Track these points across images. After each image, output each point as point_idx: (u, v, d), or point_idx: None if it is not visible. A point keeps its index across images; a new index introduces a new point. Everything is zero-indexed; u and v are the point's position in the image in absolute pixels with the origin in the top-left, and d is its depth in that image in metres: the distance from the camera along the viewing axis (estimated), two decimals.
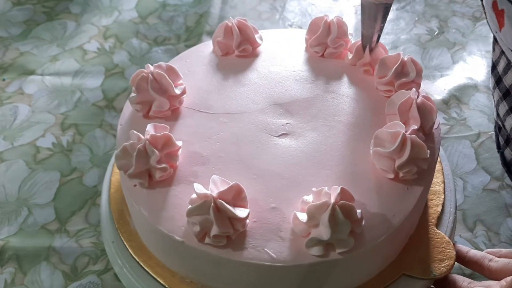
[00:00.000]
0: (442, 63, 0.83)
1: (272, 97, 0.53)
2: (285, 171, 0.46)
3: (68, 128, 0.74)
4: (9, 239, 0.61)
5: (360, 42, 0.54)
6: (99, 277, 0.58)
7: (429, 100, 0.48)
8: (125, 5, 0.95)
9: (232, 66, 0.56)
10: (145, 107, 0.51)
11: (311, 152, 0.48)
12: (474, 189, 0.65)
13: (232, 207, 0.41)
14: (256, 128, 0.50)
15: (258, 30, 0.59)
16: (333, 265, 0.41)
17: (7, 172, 0.68)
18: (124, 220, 0.51)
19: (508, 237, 0.61)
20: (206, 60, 0.57)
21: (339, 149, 0.48)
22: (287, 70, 0.56)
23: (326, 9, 0.94)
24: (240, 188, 0.42)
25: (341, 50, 0.57)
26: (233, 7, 0.95)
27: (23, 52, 0.86)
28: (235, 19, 0.57)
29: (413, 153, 0.44)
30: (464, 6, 0.94)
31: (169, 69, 0.52)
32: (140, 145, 0.44)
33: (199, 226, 0.40)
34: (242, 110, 0.52)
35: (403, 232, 0.46)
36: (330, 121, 0.50)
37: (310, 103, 0.52)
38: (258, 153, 0.48)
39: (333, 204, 0.40)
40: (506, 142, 0.62)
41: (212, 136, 0.49)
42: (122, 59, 0.85)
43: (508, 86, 0.58)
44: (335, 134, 0.49)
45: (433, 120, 0.48)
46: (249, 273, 0.41)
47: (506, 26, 0.51)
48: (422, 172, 0.45)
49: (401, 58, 0.51)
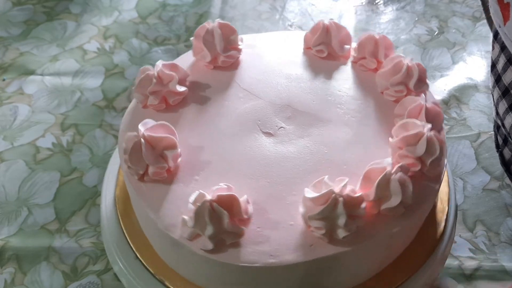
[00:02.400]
0: (442, 63, 0.83)
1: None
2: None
3: (68, 128, 0.74)
4: (9, 239, 0.61)
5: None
6: (99, 277, 0.58)
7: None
8: (125, 5, 0.95)
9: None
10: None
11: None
12: (474, 189, 0.65)
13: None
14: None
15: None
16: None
17: (7, 172, 0.68)
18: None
19: (508, 237, 0.61)
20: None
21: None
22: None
23: (326, 9, 0.94)
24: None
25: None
26: (233, 7, 0.95)
27: (23, 52, 0.86)
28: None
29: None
30: (464, 6, 0.94)
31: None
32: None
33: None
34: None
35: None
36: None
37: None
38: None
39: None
40: (504, 142, 0.62)
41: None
42: (122, 59, 0.85)
43: (507, 85, 0.58)
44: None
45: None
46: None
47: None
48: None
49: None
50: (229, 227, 0.40)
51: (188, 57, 0.58)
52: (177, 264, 0.46)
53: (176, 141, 0.45)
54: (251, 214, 0.42)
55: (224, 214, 0.40)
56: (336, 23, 0.56)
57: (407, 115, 0.47)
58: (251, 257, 0.40)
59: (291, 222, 0.42)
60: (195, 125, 0.50)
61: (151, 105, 0.51)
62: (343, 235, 0.40)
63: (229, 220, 0.40)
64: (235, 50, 0.56)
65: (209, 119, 0.51)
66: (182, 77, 0.52)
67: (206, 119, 0.51)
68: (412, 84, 0.50)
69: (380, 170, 0.42)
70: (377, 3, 0.95)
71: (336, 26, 0.56)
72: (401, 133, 0.45)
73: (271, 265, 0.40)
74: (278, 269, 0.40)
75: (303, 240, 0.41)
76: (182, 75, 0.52)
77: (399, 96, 0.51)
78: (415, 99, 0.48)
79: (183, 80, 0.53)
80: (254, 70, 0.56)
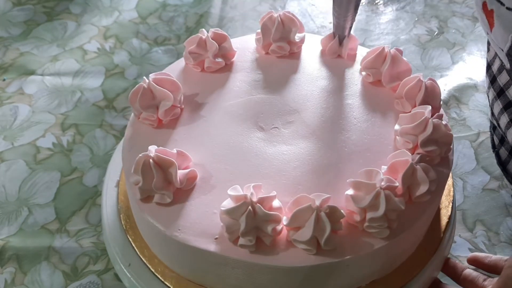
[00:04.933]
0: (441, 63, 0.83)
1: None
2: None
3: (68, 128, 0.74)
4: (9, 239, 0.61)
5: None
6: (99, 277, 0.58)
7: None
8: (125, 5, 0.95)
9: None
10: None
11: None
12: (474, 189, 0.65)
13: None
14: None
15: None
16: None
17: (7, 172, 0.68)
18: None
19: (508, 237, 0.61)
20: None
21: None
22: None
23: (327, 10, 0.94)
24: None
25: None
26: (233, 7, 0.95)
27: (23, 52, 0.86)
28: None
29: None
30: (464, 6, 0.94)
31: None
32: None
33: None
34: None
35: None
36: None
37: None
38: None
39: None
40: (501, 141, 0.63)
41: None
42: (122, 59, 0.85)
43: (502, 85, 0.58)
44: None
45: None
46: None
47: (496, 26, 0.52)
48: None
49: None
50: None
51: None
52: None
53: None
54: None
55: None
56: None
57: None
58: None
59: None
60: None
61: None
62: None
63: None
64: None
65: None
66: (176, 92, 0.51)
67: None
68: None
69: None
70: (377, 3, 0.95)
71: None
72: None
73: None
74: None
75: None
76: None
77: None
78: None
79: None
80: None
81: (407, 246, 0.46)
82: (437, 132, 0.45)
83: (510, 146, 0.60)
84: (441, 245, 0.49)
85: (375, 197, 0.40)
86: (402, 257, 0.47)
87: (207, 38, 0.54)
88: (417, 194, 0.43)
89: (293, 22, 0.56)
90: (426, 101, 0.49)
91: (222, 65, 0.56)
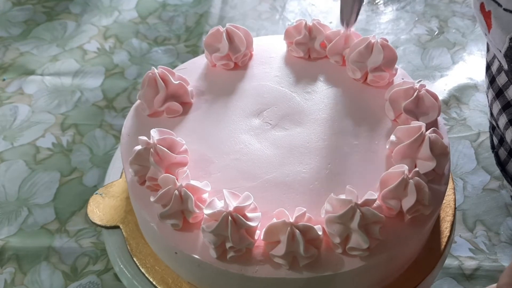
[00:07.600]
0: (442, 63, 0.83)
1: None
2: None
3: (68, 128, 0.74)
4: (9, 239, 0.61)
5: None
6: (99, 277, 0.58)
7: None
8: (125, 5, 0.95)
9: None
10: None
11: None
12: (474, 189, 0.65)
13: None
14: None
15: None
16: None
17: (7, 172, 0.68)
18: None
19: (508, 237, 0.61)
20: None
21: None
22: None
23: (327, 9, 0.94)
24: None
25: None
26: (233, 7, 0.95)
27: (23, 52, 0.86)
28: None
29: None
30: (464, 6, 0.94)
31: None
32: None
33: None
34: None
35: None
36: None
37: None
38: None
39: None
40: (500, 142, 0.63)
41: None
42: (122, 59, 0.85)
43: (501, 86, 0.58)
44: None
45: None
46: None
47: (494, 27, 0.52)
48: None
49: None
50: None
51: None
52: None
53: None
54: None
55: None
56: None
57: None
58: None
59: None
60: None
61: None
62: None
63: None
64: None
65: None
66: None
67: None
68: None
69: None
70: (377, 3, 0.95)
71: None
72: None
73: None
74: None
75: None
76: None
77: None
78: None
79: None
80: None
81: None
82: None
83: (509, 146, 0.60)
84: (439, 261, 0.48)
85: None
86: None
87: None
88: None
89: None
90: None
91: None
